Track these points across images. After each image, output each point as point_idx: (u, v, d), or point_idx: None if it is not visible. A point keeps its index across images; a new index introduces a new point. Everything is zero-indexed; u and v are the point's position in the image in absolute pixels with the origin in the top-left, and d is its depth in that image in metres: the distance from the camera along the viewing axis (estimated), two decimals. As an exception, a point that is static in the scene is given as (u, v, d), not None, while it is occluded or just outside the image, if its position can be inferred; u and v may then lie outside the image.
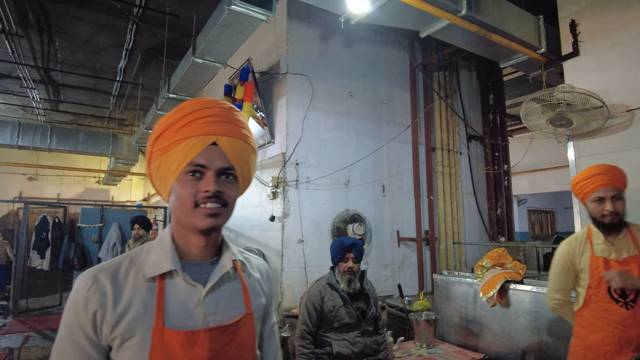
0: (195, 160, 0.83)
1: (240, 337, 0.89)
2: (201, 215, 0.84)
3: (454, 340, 3.27)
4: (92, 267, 0.86)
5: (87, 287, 0.82)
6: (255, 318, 0.95)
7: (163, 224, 8.14)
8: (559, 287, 2.07)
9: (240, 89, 4.48)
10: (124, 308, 0.81)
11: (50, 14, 5.74)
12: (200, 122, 0.84)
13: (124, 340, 0.80)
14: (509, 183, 5.99)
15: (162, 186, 0.88)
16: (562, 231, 13.34)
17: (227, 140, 0.86)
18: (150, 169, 0.90)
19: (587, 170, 2.07)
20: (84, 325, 0.80)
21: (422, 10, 3.18)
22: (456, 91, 5.61)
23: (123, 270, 0.85)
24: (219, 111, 0.87)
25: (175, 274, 0.86)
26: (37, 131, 9.46)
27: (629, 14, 3.36)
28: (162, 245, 0.89)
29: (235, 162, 0.87)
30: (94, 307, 0.80)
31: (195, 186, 0.84)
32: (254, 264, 1.03)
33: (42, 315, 6.91)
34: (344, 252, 2.51)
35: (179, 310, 0.84)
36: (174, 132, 0.84)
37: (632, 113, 3.28)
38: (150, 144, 0.89)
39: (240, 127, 0.89)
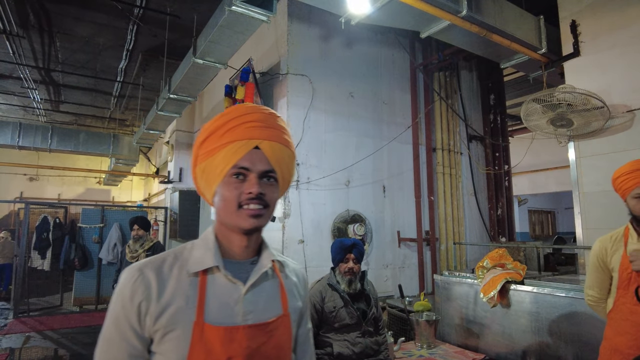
0: (239, 163, 0.87)
1: (276, 338, 0.91)
2: (244, 216, 0.87)
3: (454, 340, 3.27)
4: (137, 262, 0.90)
5: (133, 280, 0.85)
6: (291, 320, 0.97)
7: (164, 224, 8.14)
8: (593, 284, 2.03)
9: (240, 90, 4.48)
10: (167, 301, 0.84)
11: (50, 14, 5.75)
12: (243, 127, 0.88)
13: (165, 332, 0.83)
14: (510, 183, 5.98)
15: (206, 188, 0.92)
16: (562, 231, 13.33)
17: (269, 144, 0.90)
18: (196, 172, 0.94)
19: (628, 164, 1.95)
20: (129, 316, 0.83)
21: (423, 11, 3.18)
22: (457, 91, 5.61)
23: (167, 265, 0.89)
24: (262, 116, 0.91)
25: (216, 270, 0.89)
26: (38, 132, 9.48)
27: (630, 14, 3.36)
28: (206, 242, 0.92)
29: (276, 165, 0.91)
30: (139, 298, 0.83)
31: (239, 188, 0.87)
32: (291, 267, 1.06)
33: (43, 316, 6.92)
34: (345, 252, 2.51)
35: (219, 307, 0.87)
36: (219, 137, 0.88)
37: (632, 113, 3.28)
38: (195, 148, 0.93)
39: (281, 132, 0.93)
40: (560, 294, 2.61)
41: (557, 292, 2.63)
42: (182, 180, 8.10)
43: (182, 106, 6.27)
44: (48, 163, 11.00)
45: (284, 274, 1.02)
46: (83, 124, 11.39)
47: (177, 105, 6.19)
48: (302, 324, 1.06)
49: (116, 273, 4.35)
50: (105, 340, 0.85)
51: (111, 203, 14.34)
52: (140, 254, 4.19)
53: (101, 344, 0.85)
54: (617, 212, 3.26)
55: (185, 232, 7.20)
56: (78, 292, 7.43)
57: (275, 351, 0.90)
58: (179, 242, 7.66)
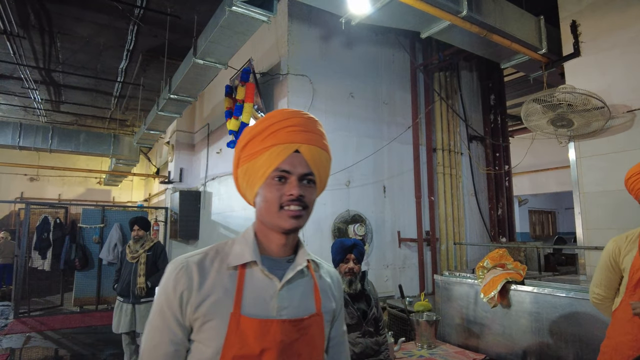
0: (280, 167, 0.91)
1: (309, 336, 0.94)
2: (285, 217, 0.91)
3: (455, 341, 3.27)
4: (183, 255, 0.96)
5: (177, 271, 0.91)
6: (324, 320, 0.99)
7: (164, 224, 8.14)
8: (600, 282, 2.03)
9: (241, 90, 4.49)
10: (207, 292, 0.89)
11: (51, 14, 5.76)
12: (284, 131, 0.92)
13: (204, 321, 0.88)
14: (510, 183, 5.98)
15: (248, 189, 0.97)
16: (563, 232, 13.32)
17: (308, 147, 0.94)
18: (237, 173, 0.99)
19: None
20: (172, 304, 0.89)
21: (423, 11, 3.18)
22: (457, 92, 5.61)
23: (209, 258, 0.94)
24: (302, 121, 0.95)
25: (254, 265, 0.94)
26: (38, 132, 9.48)
27: (630, 14, 3.36)
28: (246, 239, 0.97)
29: (315, 168, 0.95)
30: (181, 288, 0.89)
31: (281, 190, 0.91)
32: (325, 269, 1.10)
33: (44, 316, 6.93)
34: (345, 252, 2.51)
35: (255, 300, 0.91)
36: (261, 140, 0.93)
37: (633, 114, 3.28)
38: (238, 151, 0.98)
39: (320, 137, 0.97)
40: (560, 294, 2.61)
41: (557, 293, 2.63)
42: (182, 181, 8.10)
43: (182, 106, 6.27)
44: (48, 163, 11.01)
45: (319, 275, 1.05)
46: (83, 124, 11.39)
47: (177, 106, 6.19)
48: (335, 325, 1.08)
49: (116, 273, 4.35)
50: (151, 327, 0.91)
51: (111, 203, 14.35)
52: (141, 254, 4.19)
53: (147, 330, 0.92)
54: (618, 213, 3.28)
55: (186, 232, 7.19)
56: (78, 292, 7.44)
57: (308, 349, 0.93)
58: (179, 243, 7.66)
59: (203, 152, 7.47)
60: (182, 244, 7.65)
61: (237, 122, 4.56)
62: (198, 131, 8.05)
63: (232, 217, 5.99)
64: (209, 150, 7.16)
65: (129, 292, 4.12)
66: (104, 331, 5.91)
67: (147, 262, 4.19)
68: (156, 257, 4.27)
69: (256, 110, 4.62)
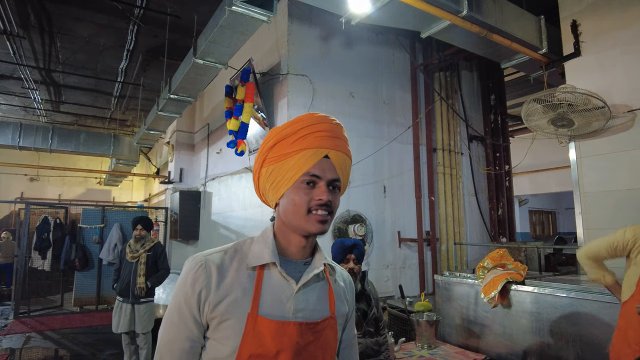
0: (310, 171, 0.91)
1: (323, 338, 0.95)
2: (313, 221, 0.92)
3: (455, 341, 3.26)
4: (200, 252, 0.95)
5: (196, 269, 0.91)
6: (338, 324, 1.01)
7: (164, 224, 8.14)
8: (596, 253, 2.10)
9: (241, 90, 4.48)
10: (226, 291, 0.89)
11: (51, 14, 5.75)
12: (315, 135, 0.93)
13: (221, 320, 0.88)
14: (510, 183, 5.98)
15: (272, 190, 0.96)
16: (563, 232, 13.31)
17: (336, 154, 0.95)
18: (261, 173, 0.98)
19: None
20: (190, 301, 0.89)
21: (423, 11, 3.17)
22: (457, 92, 5.60)
23: (228, 257, 0.94)
24: (330, 126, 0.96)
25: (273, 267, 0.94)
26: (38, 132, 9.48)
27: (631, 13, 3.35)
28: (265, 240, 0.97)
29: (341, 174, 0.96)
30: (200, 286, 0.89)
31: (309, 194, 0.92)
32: (339, 272, 1.10)
33: (44, 316, 6.93)
34: (345, 253, 2.50)
35: (272, 301, 0.91)
36: (291, 143, 0.93)
37: (634, 113, 3.28)
38: (264, 151, 0.97)
39: (345, 143, 0.99)
40: (561, 295, 2.60)
41: (558, 293, 2.63)
42: (182, 181, 8.10)
43: (182, 106, 6.27)
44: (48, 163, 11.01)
45: (333, 278, 1.06)
46: (83, 124, 11.39)
47: (177, 106, 6.19)
48: (347, 328, 1.09)
49: (115, 272, 4.35)
50: (168, 322, 0.91)
51: (112, 203, 14.34)
52: (141, 254, 4.19)
53: (163, 325, 0.92)
54: (618, 212, 3.27)
55: (186, 233, 7.19)
56: (78, 292, 7.43)
57: (321, 351, 0.94)
58: (179, 243, 7.66)
59: (203, 152, 7.47)
60: (182, 244, 7.64)
61: (237, 122, 4.55)
62: (198, 131, 8.04)
63: (232, 217, 5.98)
64: (209, 151, 7.16)
65: (128, 292, 4.11)
66: (104, 331, 5.90)
67: (147, 262, 4.18)
68: (156, 257, 4.27)
69: (256, 110, 4.62)
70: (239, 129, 4.55)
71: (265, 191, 1.00)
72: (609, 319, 2.29)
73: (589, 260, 2.16)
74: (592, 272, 2.14)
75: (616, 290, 2.11)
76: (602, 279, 2.11)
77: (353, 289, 1.12)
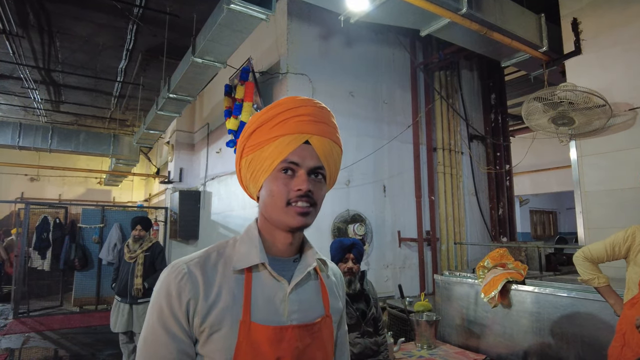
0: (289, 158, 0.84)
1: (320, 339, 0.89)
2: (292, 214, 0.84)
3: (455, 341, 3.24)
4: (180, 259, 0.86)
5: (180, 277, 0.82)
6: (333, 321, 0.95)
7: (164, 224, 8.12)
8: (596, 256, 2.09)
9: (240, 89, 4.46)
10: (214, 299, 0.82)
11: (50, 14, 5.74)
12: (294, 120, 0.85)
13: (212, 332, 0.80)
14: (511, 183, 5.96)
15: (252, 181, 0.89)
16: (564, 232, 13.28)
17: (319, 139, 0.87)
18: (241, 164, 0.92)
19: None
20: (177, 314, 0.80)
21: (422, 9, 3.16)
22: (457, 91, 5.58)
23: (212, 262, 0.86)
24: (313, 110, 0.88)
25: (262, 268, 0.87)
26: (38, 132, 9.47)
27: (631, 12, 3.33)
28: (251, 238, 0.90)
29: (325, 162, 0.88)
30: (187, 296, 0.80)
31: (288, 184, 0.84)
32: (329, 267, 1.04)
33: (43, 316, 6.91)
34: (344, 252, 2.48)
35: (264, 305, 0.84)
36: (269, 129, 0.85)
37: (635, 112, 3.25)
38: (243, 140, 0.90)
39: (332, 129, 0.91)
40: (561, 294, 2.58)
41: (558, 292, 2.61)
42: (182, 181, 8.08)
43: (181, 106, 6.25)
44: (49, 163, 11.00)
45: (325, 274, 0.99)
46: (83, 124, 11.38)
47: (176, 105, 6.17)
48: (340, 326, 1.04)
49: (114, 271, 4.34)
50: (151, 342, 0.80)
51: (112, 203, 14.33)
52: (139, 254, 4.17)
53: (146, 346, 0.81)
54: (620, 212, 3.25)
55: (186, 232, 7.18)
56: (78, 292, 7.42)
57: (320, 353, 0.88)
58: (179, 243, 7.64)
59: (203, 152, 7.45)
60: (182, 244, 7.63)
61: (236, 121, 4.54)
62: (198, 131, 8.03)
63: (231, 216, 5.96)
64: (208, 150, 7.15)
65: (126, 292, 4.11)
66: (103, 331, 5.89)
67: (145, 262, 4.17)
68: (154, 258, 4.25)
69: (255, 110, 4.60)
70: (238, 129, 4.53)
71: (247, 183, 0.93)
72: (610, 319, 2.27)
73: (585, 261, 2.15)
74: (586, 273, 2.13)
75: (607, 294, 2.08)
76: (594, 280, 2.09)
77: (343, 283, 1.08)
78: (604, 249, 2.07)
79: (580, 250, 2.18)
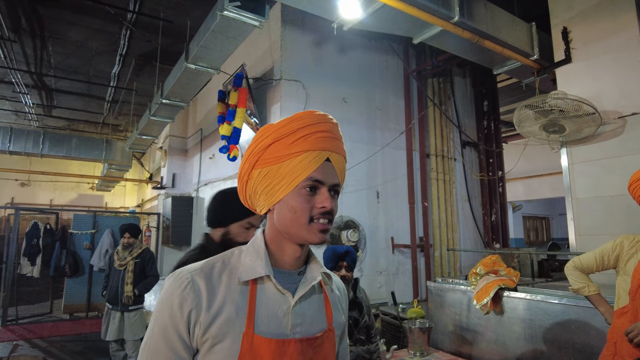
0: (313, 176, 0.84)
1: (323, 353, 0.89)
2: (315, 231, 0.84)
3: (448, 348, 3.23)
4: (183, 267, 0.86)
5: (183, 287, 0.81)
6: (336, 335, 0.95)
7: (156, 230, 8.06)
8: (586, 265, 2.10)
9: (234, 95, 4.46)
10: (217, 310, 0.81)
11: (43, 18, 5.72)
12: (317, 136, 0.86)
13: (214, 343, 0.79)
14: (504, 189, 5.99)
15: (264, 194, 0.87)
16: (557, 237, 13.36)
17: (337, 157, 0.89)
18: (252, 174, 0.89)
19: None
20: (178, 325, 0.79)
21: (415, 17, 3.18)
22: (450, 97, 5.62)
23: (217, 272, 0.85)
24: (331, 127, 0.89)
25: (267, 280, 0.87)
26: (29, 136, 9.36)
27: (620, 21, 3.38)
28: (256, 250, 0.89)
29: (341, 178, 0.90)
30: (189, 307, 0.80)
31: (311, 201, 0.84)
32: (333, 280, 1.03)
33: (32, 324, 6.81)
34: (337, 260, 2.48)
35: (267, 318, 0.84)
36: (290, 144, 0.84)
37: (624, 120, 3.29)
38: (258, 150, 0.87)
39: (343, 144, 0.92)
40: (553, 301, 2.59)
41: (550, 299, 2.61)
42: (175, 186, 8.04)
43: (174, 111, 6.23)
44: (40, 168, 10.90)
45: (329, 288, 0.99)
46: (76, 129, 11.31)
47: (169, 111, 6.15)
48: (342, 339, 1.03)
49: (105, 279, 4.30)
50: (151, 350, 0.80)
51: (104, 209, 14.21)
52: (129, 261, 4.14)
53: (146, 352, 0.81)
54: (610, 218, 3.27)
55: (178, 239, 7.12)
56: (68, 299, 7.33)
57: None
58: (171, 249, 7.58)
59: (196, 158, 7.42)
60: (175, 250, 7.57)
61: (229, 127, 4.53)
62: (191, 136, 8.00)
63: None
64: (201, 156, 7.12)
65: (117, 300, 4.07)
66: (93, 339, 5.81)
67: (135, 269, 4.14)
68: (144, 264, 4.22)
69: (249, 116, 4.59)
70: (232, 134, 4.52)
71: (254, 195, 0.90)
72: (601, 326, 2.28)
73: (576, 271, 2.15)
74: (576, 282, 2.13)
75: (598, 303, 2.09)
76: (585, 289, 2.10)
77: (346, 297, 1.08)
78: (594, 259, 2.08)
79: (571, 260, 2.19)
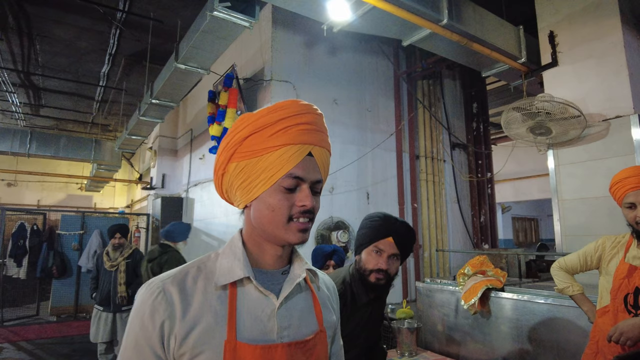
0: (293, 172, 0.78)
1: (315, 356, 0.83)
2: (294, 230, 0.79)
3: (436, 348, 3.25)
4: (157, 276, 0.80)
5: (154, 296, 0.75)
6: (327, 336, 0.89)
7: (146, 230, 7.99)
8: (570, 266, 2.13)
9: (224, 95, 4.45)
10: (194, 319, 0.75)
11: (30, 17, 5.64)
12: (298, 128, 0.79)
13: (193, 356, 0.73)
14: (493, 191, 6.05)
15: (242, 189, 0.81)
16: (546, 238, 13.52)
17: (320, 150, 0.82)
18: (227, 168, 0.82)
19: (620, 172, 1.89)
20: (151, 337, 0.73)
21: (404, 19, 3.20)
22: (440, 99, 5.67)
23: (191, 278, 0.79)
24: (315, 118, 0.82)
25: (247, 282, 0.81)
26: (16, 136, 9.22)
27: (604, 26, 3.44)
28: (234, 251, 0.83)
29: (324, 174, 0.84)
30: (161, 317, 0.74)
31: (290, 199, 0.78)
32: (321, 278, 0.98)
33: (17, 326, 6.70)
34: (325, 259, 2.49)
35: (251, 323, 0.78)
36: (269, 137, 0.78)
37: (608, 122, 3.35)
38: (235, 142, 0.80)
39: (327, 136, 0.85)
40: (539, 301, 2.62)
41: (535, 299, 2.65)
42: (164, 187, 7.98)
43: (164, 111, 6.20)
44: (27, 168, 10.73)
45: (316, 286, 0.93)
46: (64, 128, 11.16)
47: (159, 111, 6.11)
48: (335, 340, 0.98)
49: (92, 281, 4.25)
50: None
51: (93, 209, 14.04)
52: (120, 262, 4.11)
53: None
54: (594, 219, 3.33)
55: (168, 239, 7.07)
56: (56, 301, 7.22)
57: None
58: (161, 250, 7.51)
59: (186, 158, 7.38)
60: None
61: (219, 127, 4.51)
62: (181, 137, 7.95)
63: (214, 223, 5.90)
64: (191, 156, 7.08)
65: (109, 301, 4.04)
66: (80, 341, 5.73)
67: (127, 269, 4.11)
68: (135, 264, 4.19)
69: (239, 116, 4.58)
70: (222, 135, 4.50)
71: (230, 189, 0.84)
72: (584, 325, 2.32)
73: (561, 271, 2.18)
74: (561, 282, 2.17)
75: (581, 302, 2.12)
76: (569, 289, 2.13)
77: (337, 295, 1.02)
78: (578, 260, 2.11)
79: (557, 261, 2.23)
